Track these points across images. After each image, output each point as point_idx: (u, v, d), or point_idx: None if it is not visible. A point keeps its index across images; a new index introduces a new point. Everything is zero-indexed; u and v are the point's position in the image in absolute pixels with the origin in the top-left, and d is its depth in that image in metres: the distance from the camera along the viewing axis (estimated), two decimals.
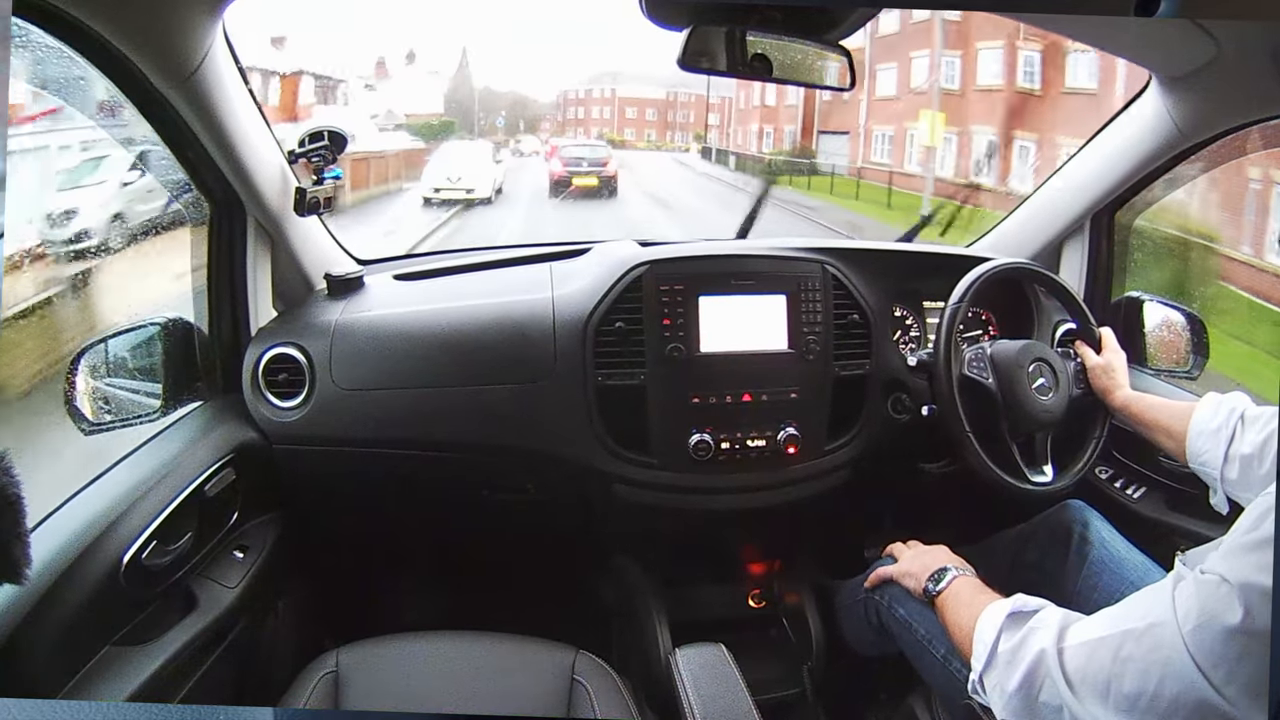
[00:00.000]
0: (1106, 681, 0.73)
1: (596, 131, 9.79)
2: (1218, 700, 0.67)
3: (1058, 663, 0.76)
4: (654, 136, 10.01)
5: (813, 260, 1.32)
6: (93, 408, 1.09)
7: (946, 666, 1.08)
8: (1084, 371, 1.25)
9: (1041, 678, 0.77)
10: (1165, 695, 0.69)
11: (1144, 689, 0.70)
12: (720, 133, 9.64)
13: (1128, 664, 0.71)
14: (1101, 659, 0.73)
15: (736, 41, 1.06)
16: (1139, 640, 0.71)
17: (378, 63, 8.54)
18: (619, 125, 10.05)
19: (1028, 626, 0.81)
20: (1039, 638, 0.79)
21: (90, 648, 0.93)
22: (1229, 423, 1.03)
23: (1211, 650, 0.67)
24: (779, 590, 1.52)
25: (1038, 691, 0.77)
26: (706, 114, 9.71)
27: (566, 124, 10.04)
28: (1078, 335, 1.28)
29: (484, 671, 1.09)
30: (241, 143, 1.14)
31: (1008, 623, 0.83)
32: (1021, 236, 1.54)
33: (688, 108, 9.89)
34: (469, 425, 1.25)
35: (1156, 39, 1.12)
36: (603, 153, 7.86)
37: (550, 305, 1.27)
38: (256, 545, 1.21)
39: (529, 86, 9.79)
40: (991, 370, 1.20)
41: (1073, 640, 0.77)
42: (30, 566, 0.69)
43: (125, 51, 0.95)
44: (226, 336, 1.26)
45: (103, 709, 0.75)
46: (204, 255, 1.24)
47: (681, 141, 9.94)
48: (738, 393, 1.27)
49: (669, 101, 9.93)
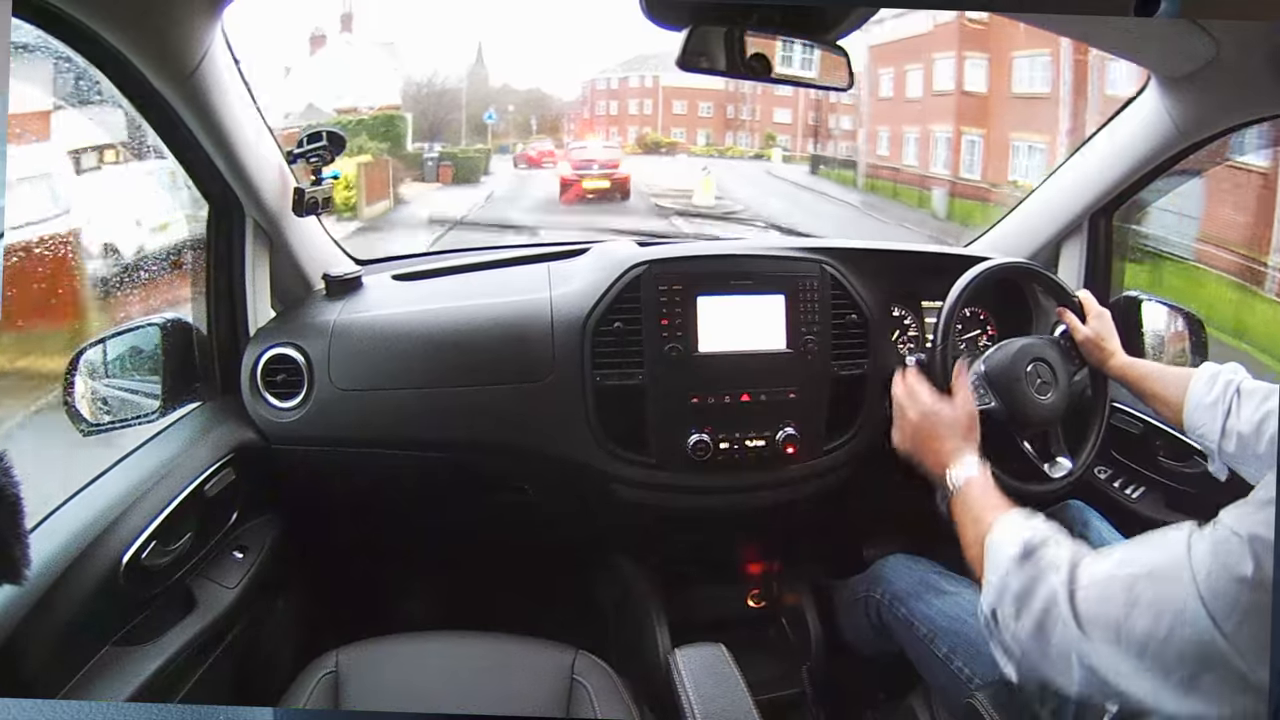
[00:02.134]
0: (1118, 623, 0.71)
1: (632, 132, 8.39)
2: (1226, 649, 0.66)
3: (1069, 605, 0.74)
4: (711, 138, 8.32)
5: (811, 260, 1.32)
6: (91, 408, 1.09)
7: (947, 665, 1.08)
8: (1076, 348, 1.22)
9: (1054, 621, 0.75)
10: (1175, 640, 0.68)
11: (1155, 632, 0.69)
12: (807, 134, 8.02)
13: (1139, 606, 0.70)
14: (1114, 599, 0.72)
15: (735, 41, 1.06)
16: (1152, 582, 0.70)
17: (313, 36, 7.21)
18: (664, 124, 8.39)
19: (1039, 566, 0.79)
20: (1050, 580, 0.77)
21: (90, 648, 0.93)
22: (1225, 396, 1.02)
23: (1224, 599, 0.67)
24: (778, 590, 1.52)
25: (1049, 635, 0.76)
26: (813, 115, 7.70)
27: (595, 122, 8.61)
28: (1060, 311, 1.24)
29: (484, 671, 1.09)
30: (240, 143, 1.14)
31: (1018, 559, 0.81)
32: (1020, 236, 1.54)
33: (754, 100, 8.07)
34: (468, 425, 1.25)
35: (1156, 39, 1.12)
36: (613, 154, 7.41)
37: (549, 305, 1.27)
38: (256, 545, 1.21)
39: (551, 80, 8.58)
40: (990, 391, 1.18)
41: (1085, 579, 0.75)
42: (30, 567, 0.69)
43: (124, 51, 0.95)
44: (225, 337, 1.26)
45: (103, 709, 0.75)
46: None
47: (744, 144, 8.35)
48: (736, 393, 1.27)
49: (730, 93, 8.05)
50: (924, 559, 1.25)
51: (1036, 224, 1.52)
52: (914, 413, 1.08)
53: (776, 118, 8.20)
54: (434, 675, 1.08)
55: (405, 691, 1.06)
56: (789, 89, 6.87)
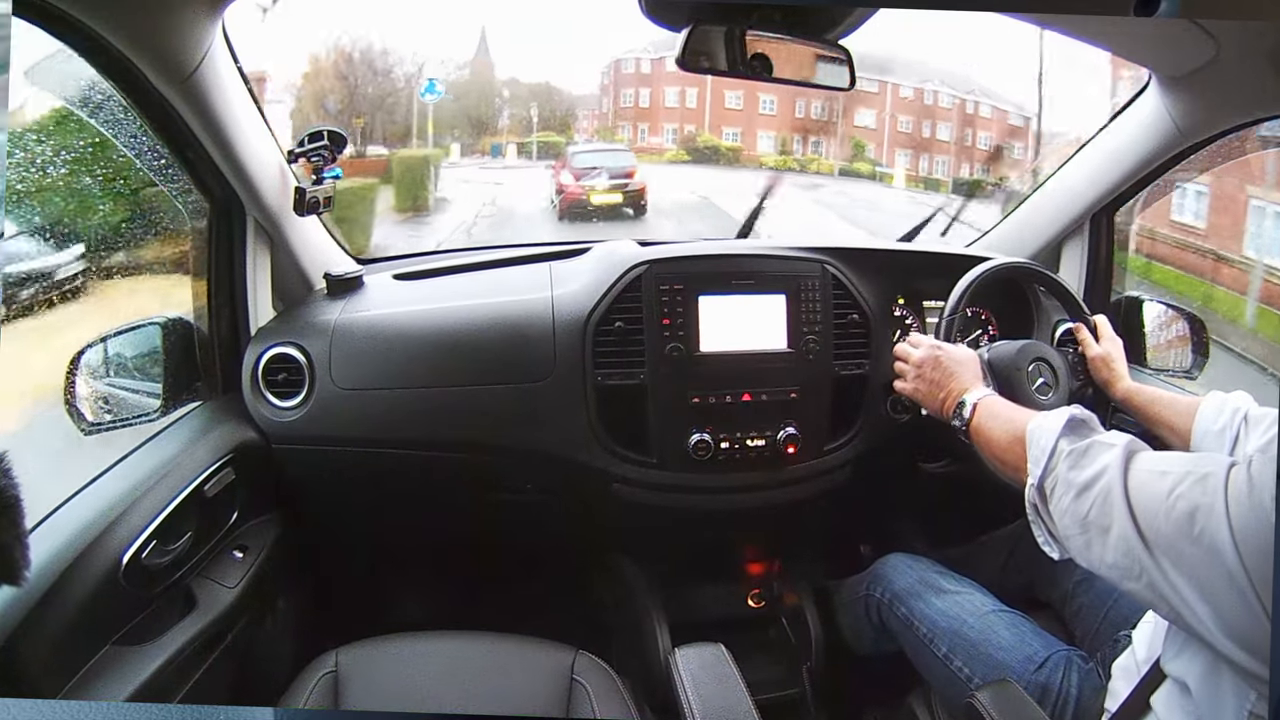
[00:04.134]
0: (1156, 513, 0.71)
1: (669, 131, 6.40)
2: (1239, 571, 0.66)
3: (1121, 481, 0.74)
4: (777, 143, 6.19)
5: (812, 260, 1.32)
6: (92, 408, 1.09)
7: (947, 665, 1.08)
8: (1084, 363, 1.23)
9: (1100, 493, 0.75)
10: (1202, 545, 0.68)
11: (1185, 531, 0.69)
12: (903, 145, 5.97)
13: (1179, 501, 0.70)
14: (1159, 490, 0.72)
15: (736, 41, 1.06)
16: (1194, 484, 0.70)
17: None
18: (713, 121, 6.40)
19: (1093, 438, 0.79)
20: (1105, 453, 0.77)
21: (90, 648, 0.93)
22: (1233, 423, 1.01)
23: (1246, 523, 0.67)
24: (778, 590, 1.52)
25: (1090, 506, 0.75)
26: (921, 124, 5.61)
27: (619, 116, 6.51)
28: (1075, 327, 1.27)
29: (484, 671, 1.09)
30: (241, 143, 1.14)
31: (1068, 428, 0.81)
32: (1021, 236, 1.54)
33: (832, 95, 5.68)
34: (468, 425, 1.25)
35: (1156, 39, 1.12)
36: (626, 160, 5.87)
37: (550, 305, 1.27)
38: (256, 545, 1.21)
39: (569, 64, 6.57)
40: (991, 377, 1.19)
41: (1139, 464, 0.75)
42: (29, 568, 0.69)
43: (125, 51, 0.95)
44: (226, 336, 1.26)
45: (103, 709, 0.74)
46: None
47: (819, 154, 6.21)
48: (737, 392, 1.27)
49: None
50: (924, 559, 1.25)
51: (1038, 224, 1.52)
52: (921, 353, 1.07)
53: (858, 119, 6.31)
54: (434, 675, 1.08)
55: (405, 691, 1.06)
56: (874, 84, 6.11)
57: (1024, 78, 6.02)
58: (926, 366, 1.06)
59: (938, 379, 1.04)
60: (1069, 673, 0.99)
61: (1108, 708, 0.91)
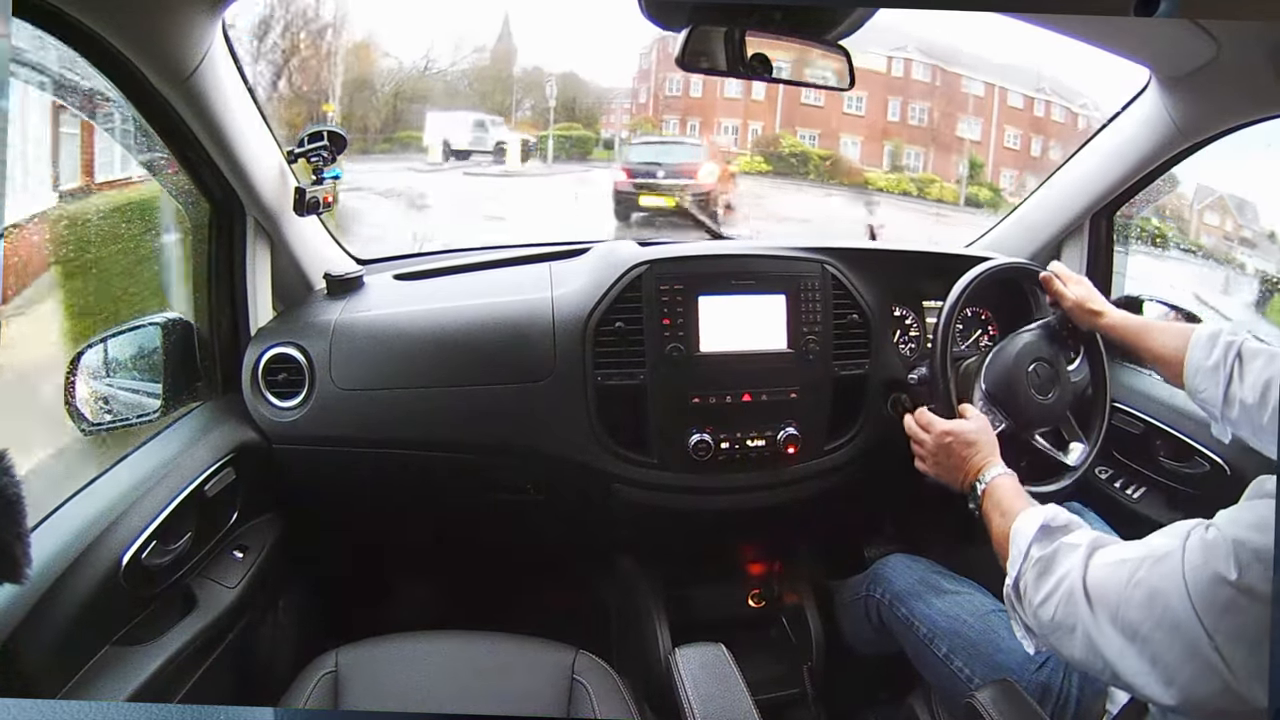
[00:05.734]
0: (1118, 603, 0.74)
1: (727, 128, 5.06)
2: (1208, 648, 0.69)
3: (1081, 581, 0.78)
4: (882, 155, 4.74)
5: (812, 260, 1.32)
6: (93, 408, 1.09)
7: (948, 664, 1.08)
8: (1067, 326, 1.21)
9: (1067, 594, 0.78)
10: (1163, 627, 0.71)
11: (1147, 616, 0.72)
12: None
13: (1138, 589, 0.73)
14: (1119, 580, 0.75)
15: (735, 41, 1.06)
16: (1152, 568, 0.73)
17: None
18: (784, 119, 4.92)
19: (1059, 542, 0.83)
20: (1068, 556, 0.80)
21: (90, 648, 0.93)
22: (1227, 360, 0.98)
23: (1205, 595, 0.69)
24: (779, 590, 1.52)
25: (1062, 607, 0.79)
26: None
27: (663, 109, 5.31)
28: (1045, 279, 1.22)
29: (484, 671, 1.09)
30: (241, 143, 1.14)
31: (1039, 534, 0.85)
32: (1021, 236, 1.54)
33: (933, 93, 4.59)
34: (469, 425, 1.25)
35: (1156, 39, 1.12)
36: (684, 154, 4.73)
37: (550, 305, 1.27)
38: (256, 545, 1.21)
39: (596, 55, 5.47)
40: (997, 410, 1.17)
41: (1098, 560, 0.78)
42: (30, 566, 0.69)
43: (125, 52, 0.95)
44: (226, 336, 1.26)
45: (103, 709, 0.74)
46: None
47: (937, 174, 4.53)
48: (737, 393, 1.27)
49: (893, 81, 4.67)
50: (924, 559, 1.25)
51: (1037, 224, 1.52)
52: (934, 437, 1.09)
53: (959, 129, 4.90)
54: (434, 675, 1.08)
55: (405, 691, 1.06)
56: (979, 85, 4.77)
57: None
58: (941, 454, 1.08)
59: (953, 464, 1.06)
60: (1070, 673, 0.99)
61: (1109, 709, 0.91)
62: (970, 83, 5.16)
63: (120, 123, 1.08)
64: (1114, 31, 1.13)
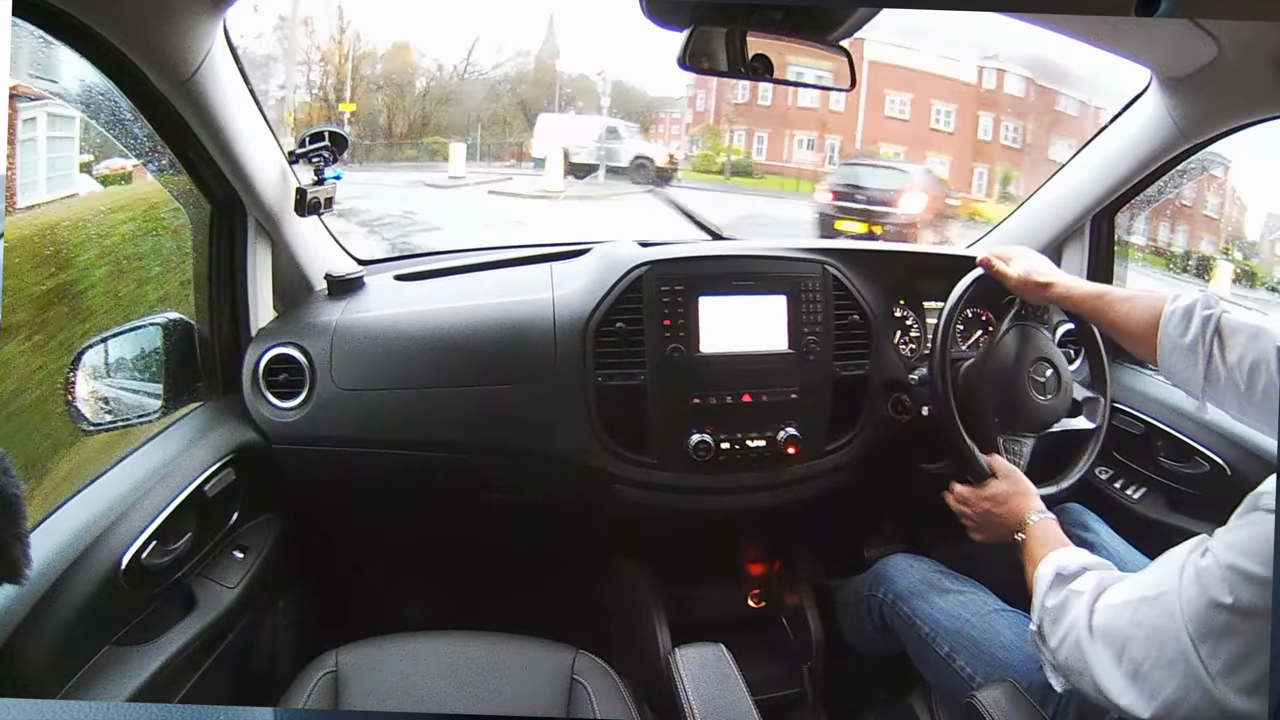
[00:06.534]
0: (1122, 644, 0.77)
1: (801, 142, 4.83)
2: (1203, 675, 0.71)
3: (1087, 625, 0.81)
4: (986, 178, 4.29)
5: (813, 260, 1.32)
6: (93, 408, 1.09)
7: (950, 663, 1.08)
8: (1024, 305, 1.20)
9: (1071, 645, 0.82)
10: (1163, 661, 0.73)
11: (1148, 654, 0.75)
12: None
13: (1140, 628, 0.76)
14: (1122, 621, 0.78)
15: (736, 42, 1.06)
16: (1151, 606, 0.76)
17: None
18: (866, 134, 4.86)
19: (1067, 590, 0.86)
20: (1076, 602, 0.84)
21: (90, 648, 0.93)
22: (1205, 336, 0.93)
23: (1203, 624, 0.71)
24: (779, 590, 1.52)
25: (1066, 655, 0.83)
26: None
27: (723, 118, 4.93)
28: (983, 260, 1.20)
29: (484, 671, 1.09)
30: (242, 143, 1.14)
31: (1054, 582, 0.88)
32: (1022, 237, 1.54)
33: (1028, 118, 4.14)
34: (469, 426, 1.25)
35: (1156, 39, 1.12)
36: (887, 180, 4.28)
37: (551, 305, 1.27)
38: (256, 545, 1.21)
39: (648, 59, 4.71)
40: (992, 379, 1.19)
41: (1102, 603, 0.81)
42: (30, 567, 0.69)
43: (126, 52, 0.95)
44: (227, 337, 1.26)
45: (103, 709, 0.75)
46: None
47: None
48: (738, 393, 1.27)
49: (1041, 91, 4.30)
50: (926, 558, 1.25)
51: (1038, 225, 1.52)
52: (975, 511, 1.13)
53: (1052, 151, 4.36)
54: (434, 675, 1.08)
55: (405, 691, 1.06)
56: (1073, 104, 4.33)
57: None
58: (985, 522, 1.11)
59: (998, 526, 1.09)
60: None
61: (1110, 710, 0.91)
62: (1068, 101, 4.64)
63: (120, 123, 1.08)
64: (1115, 32, 1.13)
